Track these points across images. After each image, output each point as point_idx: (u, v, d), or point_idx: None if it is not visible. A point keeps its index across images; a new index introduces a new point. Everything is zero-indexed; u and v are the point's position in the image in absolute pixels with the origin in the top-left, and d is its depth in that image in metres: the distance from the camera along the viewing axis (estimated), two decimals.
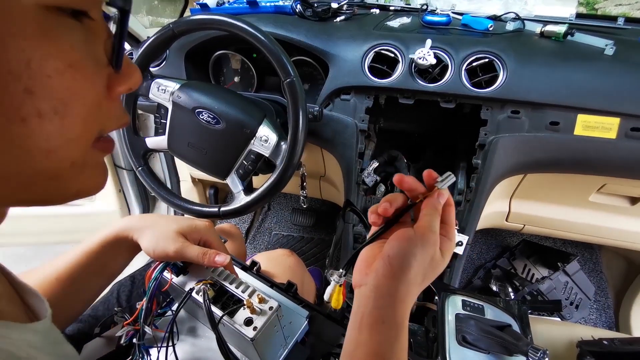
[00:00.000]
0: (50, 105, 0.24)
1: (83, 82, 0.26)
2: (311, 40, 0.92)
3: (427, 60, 0.83)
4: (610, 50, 0.83)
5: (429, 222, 0.41)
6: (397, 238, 0.41)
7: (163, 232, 0.53)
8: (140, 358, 0.50)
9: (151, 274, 0.49)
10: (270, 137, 0.78)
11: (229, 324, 0.46)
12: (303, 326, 0.56)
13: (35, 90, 0.23)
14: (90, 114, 0.27)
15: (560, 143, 0.82)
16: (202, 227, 0.56)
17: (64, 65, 0.24)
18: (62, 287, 0.52)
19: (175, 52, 1.03)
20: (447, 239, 0.43)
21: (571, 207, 1.08)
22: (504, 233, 1.64)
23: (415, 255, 0.40)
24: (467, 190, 0.90)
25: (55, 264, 0.54)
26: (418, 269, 0.40)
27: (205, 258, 0.51)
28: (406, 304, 0.41)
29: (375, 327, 0.40)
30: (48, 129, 0.25)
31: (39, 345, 0.32)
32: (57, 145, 0.26)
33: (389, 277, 0.40)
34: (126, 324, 0.50)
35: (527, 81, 0.81)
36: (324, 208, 1.82)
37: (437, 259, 0.41)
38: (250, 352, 0.49)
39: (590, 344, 0.73)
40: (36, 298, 0.38)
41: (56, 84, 0.24)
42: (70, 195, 0.30)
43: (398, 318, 0.40)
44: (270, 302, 0.48)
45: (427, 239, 0.40)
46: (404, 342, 0.40)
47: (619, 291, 1.43)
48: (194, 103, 0.80)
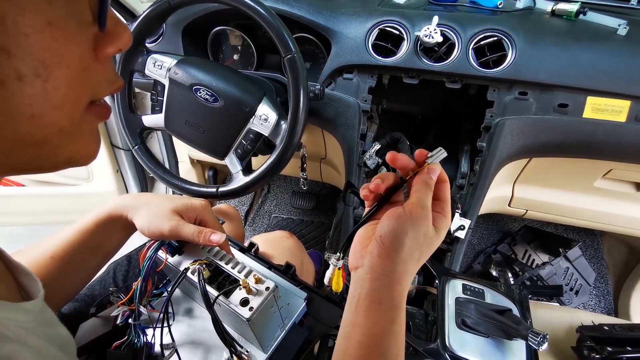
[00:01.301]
0: (29, 67, 0.22)
1: (64, 41, 0.24)
2: (313, 16, 0.89)
3: (433, 38, 0.80)
4: (623, 30, 0.80)
5: (418, 198, 0.40)
6: (388, 217, 0.40)
7: (158, 211, 0.51)
8: (136, 338, 0.49)
9: (145, 253, 0.48)
10: (270, 116, 0.76)
11: (225, 304, 0.45)
12: (301, 307, 0.56)
13: (11, 49, 0.21)
14: (76, 77, 0.26)
15: (568, 126, 0.79)
16: (197, 205, 0.55)
17: (42, 22, 0.22)
18: (57, 265, 0.52)
19: (172, 28, 0.99)
20: (441, 216, 0.42)
21: (575, 192, 1.07)
22: (505, 218, 1.63)
23: (406, 232, 0.39)
24: (470, 173, 0.88)
25: (50, 242, 0.53)
26: (412, 247, 0.39)
27: (201, 237, 0.49)
28: (402, 284, 0.40)
29: (371, 309, 0.39)
30: (29, 93, 0.23)
31: (29, 326, 0.31)
32: (41, 110, 0.24)
33: (383, 257, 0.39)
34: (121, 304, 0.49)
35: (536, 61, 0.78)
36: (324, 191, 1.80)
37: (431, 235, 0.40)
38: (247, 332, 0.49)
39: (591, 329, 0.73)
40: (29, 277, 0.37)
41: (35, 43, 0.22)
42: (61, 162, 0.29)
43: (395, 299, 0.39)
44: (266, 282, 0.47)
45: (417, 216, 0.39)
46: (401, 323, 0.40)
47: (619, 278, 1.43)
48: (192, 80, 0.78)
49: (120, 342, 0.50)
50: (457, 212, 0.82)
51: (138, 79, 0.96)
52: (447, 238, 0.84)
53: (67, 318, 0.63)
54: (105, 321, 0.56)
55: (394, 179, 0.44)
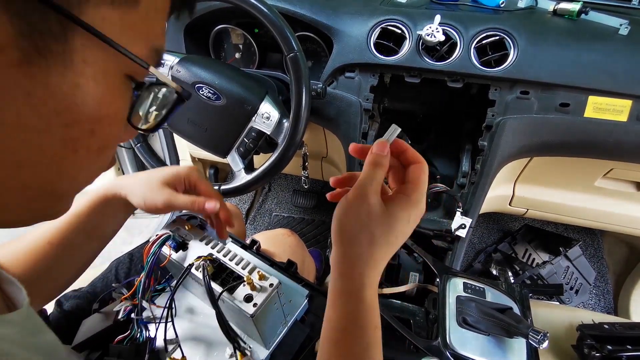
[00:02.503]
0: (98, 144, 0.27)
1: (120, 131, 0.29)
2: (315, 15, 0.89)
3: (435, 37, 0.80)
4: (624, 30, 0.80)
5: (360, 178, 0.39)
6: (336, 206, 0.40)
7: (148, 185, 0.52)
8: (139, 333, 0.49)
9: (149, 249, 0.48)
10: (272, 114, 0.76)
11: (229, 300, 0.45)
12: (303, 305, 0.56)
13: (97, 133, 0.26)
14: (111, 155, 0.31)
15: (570, 125, 0.79)
16: (184, 171, 0.55)
17: (122, 118, 0.28)
18: (55, 251, 0.51)
19: (174, 26, 1.00)
20: (402, 195, 0.39)
21: (576, 192, 1.07)
22: (505, 217, 1.63)
23: (346, 214, 0.38)
24: (471, 172, 0.89)
25: (46, 228, 0.52)
26: (355, 227, 0.38)
27: (195, 206, 0.50)
28: (358, 269, 0.38)
29: (336, 302, 0.39)
30: (86, 161, 0.28)
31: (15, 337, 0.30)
32: (83, 176, 0.29)
33: (336, 244, 0.39)
34: (124, 299, 0.50)
35: (538, 61, 0.79)
36: (325, 190, 1.80)
37: (377, 213, 0.37)
38: (249, 329, 0.49)
39: (591, 328, 0.73)
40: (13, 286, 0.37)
41: (111, 132, 0.28)
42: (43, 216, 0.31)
43: (354, 289, 0.38)
44: (270, 279, 0.47)
45: (352, 196, 0.38)
46: (366, 316, 0.38)
47: (619, 277, 1.43)
48: (194, 78, 0.78)
49: (122, 337, 0.50)
50: (458, 210, 0.83)
51: None
52: (448, 237, 0.85)
53: (69, 314, 0.63)
54: (107, 317, 0.56)
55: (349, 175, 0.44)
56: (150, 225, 1.73)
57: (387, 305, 0.69)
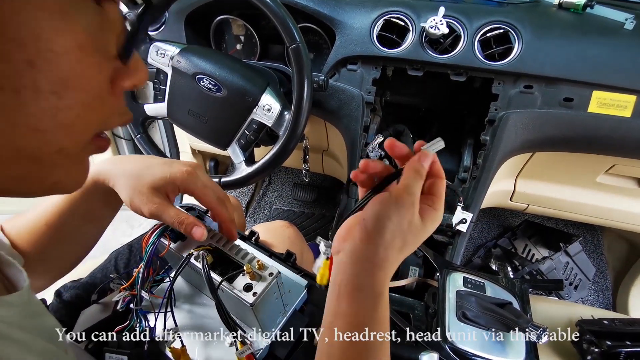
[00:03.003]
0: (49, 83, 0.23)
1: (88, 67, 0.25)
2: (318, 6, 0.88)
3: (439, 29, 0.79)
4: (630, 24, 0.79)
5: (405, 184, 0.39)
6: (374, 202, 0.40)
7: (138, 187, 0.47)
8: (138, 323, 0.49)
9: (148, 239, 0.48)
10: (274, 107, 0.76)
11: (228, 289, 0.45)
12: (302, 295, 0.56)
13: (37, 63, 0.22)
14: (90, 103, 0.26)
15: (573, 120, 0.79)
16: (178, 175, 0.48)
17: (73, 45, 0.24)
18: (53, 232, 0.50)
19: (174, 16, 0.98)
20: (431, 209, 0.41)
21: (578, 187, 1.06)
22: (506, 213, 1.63)
23: (389, 217, 0.38)
24: (473, 167, 0.88)
25: (44, 208, 0.50)
26: (394, 232, 0.38)
27: (182, 227, 0.46)
28: (384, 270, 0.39)
29: (352, 296, 0.38)
30: (41, 107, 0.23)
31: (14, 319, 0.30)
32: (47, 126, 0.25)
33: (364, 240, 0.38)
34: (123, 289, 0.50)
35: (542, 54, 0.78)
36: (326, 183, 1.80)
37: (416, 224, 0.39)
38: (249, 318, 0.49)
39: (591, 323, 0.73)
40: (14, 268, 0.37)
41: (60, 62, 0.23)
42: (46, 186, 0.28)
43: (376, 286, 0.38)
44: (270, 268, 0.47)
45: (403, 201, 0.38)
46: (383, 311, 0.39)
47: (618, 273, 1.43)
48: (195, 68, 0.77)
49: (121, 327, 0.50)
50: (459, 205, 0.82)
51: None
52: (449, 231, 0.85)
53: (68, 305, 0.64)
54: (106, 307, 0.56)
55: (381, 166, 0.43)
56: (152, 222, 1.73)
57: None
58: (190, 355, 0.49)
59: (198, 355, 0.50)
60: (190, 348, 0.49)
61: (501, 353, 0.58)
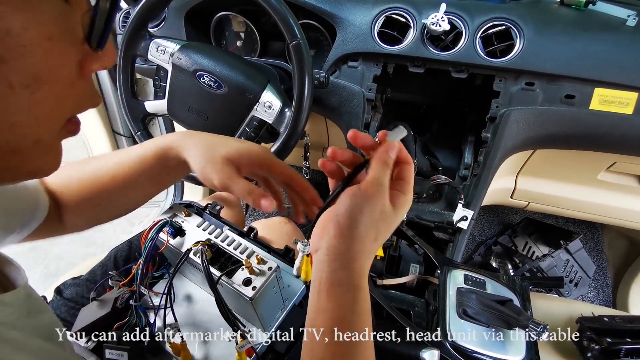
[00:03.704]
0: (21, 77, 0.23)
1: (59, 57, 0.25)
2: (318, 2, 0.88)
3: (440, 26, 0.78)
4: (632, 21, 0.79)
5: (373, 176, 0.39)
6: (344, 196, 0.40)
7: (211, 156, 0.48)
8: (137, 319, 0.49)
9: (147, 234, 0.48)
10: (274, 103, 0.76)
11: (228, 284, 0.45)
12: (301, 289, 0.56)
13: (8, 59, 0.22)
14: (62, 92, 0.26)
15: (575, 117, 0.79)
16: (255, 151, 0.49)
17: (43, 37, 0.23)
18: (115, 185, 0.52)
19: (174, 12, 0.98)
20: (400, 193, 0.41)
21: (579, 185, 1.06)
22: (506, 210, 1.63)
23: (361, 210, 0.38)
24: (474, 164, 0.88)
25: (111, 162, 0.52)
26: (367, 225, 0.38)
27: (250, 198, 0.46)
28: (360, 262, 0.39)
29: (332, 291, 0.39)
30: (15, 102, 0.23)
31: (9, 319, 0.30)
32: (23, 120, 0.24)
33: (338, 236, 0.39)
34: (122, 285, 0.50)
35: (544, 51, 0.77)
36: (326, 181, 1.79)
37: (388, 212, 0.39)
38: (249, 313, 0.49)
39: (591, 320, 0.73)
40: (11, 266, 0.37)
41: (31, 56, 0.23)
42: (24, 174, 0.28)
43: (354, 279, 0.39)
44: (269, 262, 0.47)
45: (372, 193, 0.38)
46: (363, 304, 0.39)
47: (618, 270, 1.43)
48: (195, 65, 0.77)
49: (121, 323, 0.50)
50: (460, 202, 0.82)
51: (140, 64, 0.95)
52: (450, 229, 0.84)
53: (69, 302, 0.64)
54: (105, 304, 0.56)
55: (349, 154, 0.43)
56: (150, 214, 1.73)
57: (388, 296, 0.69)
58: (190, 350, 0.49)
59: (198, 351, 0.50)
60: (189, 343, 0.50)
61: (502, 350, 0.58)
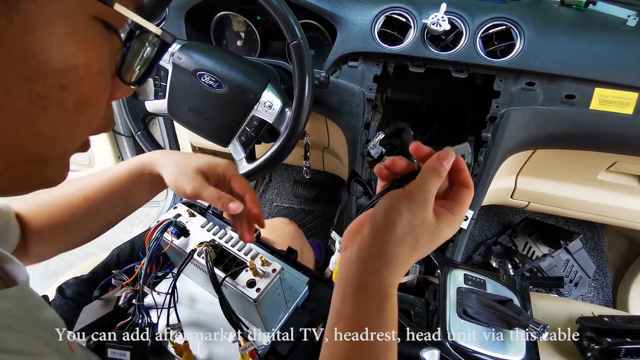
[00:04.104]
0: (73, 102, 0.26)
1: (104, 87, 0.28)
2: (319, 2, 0.88)
3: (440, 25, 0.78)
4: (632, 21, 0.79)
5: (420, 181, 0.37)
6: (385, 197, 0.38)
7: (183, 168, 0.52)
8: (140, 319, 0.49)
9: (152, 234, 0.48)
10: (275, 103, 0.76)
11: (232, 285, 0.45)
12: (304, 291, 0.56)
13: (68, 88, 0.25)
14: (97, 115, 0.29)
15: (575, 117, 0.79)
16: (222, 165, 0.54)
17: (97, 71, 0.27)
18: (88, 206, 0.54)
19: (175, 12, 0.98)
20: (449, 214, 0.38)
21: (579, 185, 1.06)
22: (506, 210, 1.63)
23: (400, 212, 0.36)
24: (474, 164, 0.88)
25: (84, 184, 0.55)
26: (405, 228, 0.36)
27: (220, 202, 0.49)
28: (392, 269, 0.37)
29: (357, 296, 0.37)
30: (62, 121, 0.26)
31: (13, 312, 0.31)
32: (63, 137, 0.27)
33: (372, 236, 0.37)
34: (125, 285, 0.50)
35: (544, 51, 0.77)
36: (326, 181, 1.80)
37: (429, 223, 0.37)
38: (252, 314, 0.49)
39: (591, 320, 0.73)
40: (13, 264, 0.38)
41: (86, 85, 0.26)
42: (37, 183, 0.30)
43: (383, 286, 0.36)
44: (273, 264, 0.47)
45: (415, 197, 0.36)
46: (390, 313, 0.37)
47: (618, 270, 1.43)
48: (195, 65, 0.77)
49: (123, 323, 0.50)
50: None
51: None
52: None
53: (71, 302, 0.64)
54: (107, 303, 0.56)
55: (406, 164, 0.41)
56: (150, 214, 1.73)
57: None
58: (193, 351, 0.49)
59: (200, 351, 0.50)
60: (192, 344, 0.50)
61: (502, 350, 0.58)
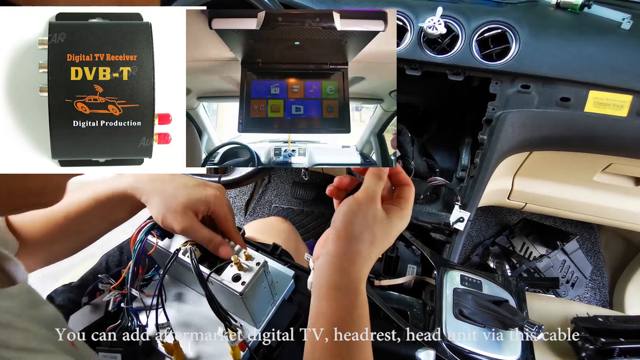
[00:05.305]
0: None
1: None
2: (316, 5, 0.88)
3: (437, 29, 0.79)
4: (627, 24, 0.80)
5: (366, 185, 0.43)
6: (340, 205, 0.43)
7: (171, 204, 0.51)
8: (130, 322, 0.50)
9: (135, 237, 0.49)
10: None
11: (217, 281, 0.46)
12: (290, 284, 0.58)
13: None
14: None
15: (570, 120, 0.79)
16: (211, 199, 0.53)
17: None
18: (68, 224, 0.54)
19: None
20: (397, 208, 0.44)
21: (575, 186, 1.07)
22: (504, 211, 1.64)
23: (354, 212, 0.41)
24: (471, 166, 0.89)
25: (65, 202, 0.55)
26: (361, 226, 0.41)
27: (210, 245, 0.50)
28: (357, 265, 0.41)
29: (331, 295, 0.41)
30: None
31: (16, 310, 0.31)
32: None
33: (335, 240, 0.42)
34: (113, 288, 0.50)
35: (540, 54, 0.78)
36: (325, 182, 1.81)
37: (381, 218, 0.42)
38: (240, 309, 0.50)
39: (585, 321, 0.74)
40: (12, 263, 0.39)
41: None
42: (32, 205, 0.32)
43: (352, 283, 0.41)
44: (257, 258, 0.48)
45: (362, 198, 0.42)
46: (361, 308, 0.41)
47: (615, 271, 1.44)
48: None
49: (113, 327, 0.51)
50: (457, 204, 0.83)
51: None
52: (447, 230, 0.85)
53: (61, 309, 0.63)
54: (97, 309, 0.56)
55: (350, 179, 0.47)
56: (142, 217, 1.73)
57: (385, 297, 0.70)
58: (183, 350, 0.50)
59: (190, 350, 0.51)
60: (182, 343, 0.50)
61: (497, 350, 0.58)
